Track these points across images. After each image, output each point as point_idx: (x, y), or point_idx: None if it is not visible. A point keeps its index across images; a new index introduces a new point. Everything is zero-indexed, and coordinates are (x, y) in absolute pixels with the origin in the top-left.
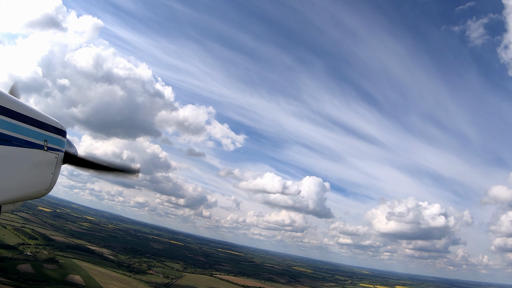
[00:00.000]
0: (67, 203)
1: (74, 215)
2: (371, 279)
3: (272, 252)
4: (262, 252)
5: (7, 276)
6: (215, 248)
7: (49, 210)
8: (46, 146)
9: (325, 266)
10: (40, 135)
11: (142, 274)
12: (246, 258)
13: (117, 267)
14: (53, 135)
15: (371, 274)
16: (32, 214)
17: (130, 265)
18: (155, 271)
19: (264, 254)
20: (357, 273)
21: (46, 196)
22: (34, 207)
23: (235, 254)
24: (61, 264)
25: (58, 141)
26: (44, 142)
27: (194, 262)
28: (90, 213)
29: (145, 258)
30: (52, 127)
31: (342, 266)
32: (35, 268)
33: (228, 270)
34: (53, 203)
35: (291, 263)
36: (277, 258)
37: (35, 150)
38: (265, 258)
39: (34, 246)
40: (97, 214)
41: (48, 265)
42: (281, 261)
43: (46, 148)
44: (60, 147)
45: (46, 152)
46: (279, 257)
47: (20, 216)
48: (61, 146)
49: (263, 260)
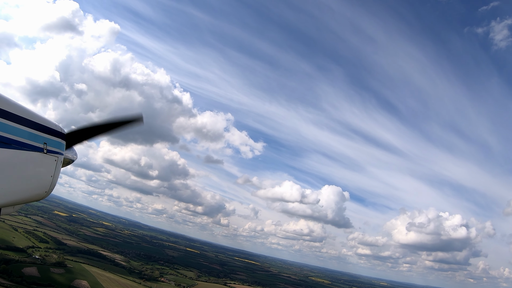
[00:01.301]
0: (85, 208)
1: (90, 220)
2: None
3: (290, 261)
4: (279, 261)
5: (10, 279)
6: (232, 256)
7: (64, 215)
8: (45, 149)
9: (343, 277)
10: (39, 138)
11: (153, 282)
12: (262, 267)
13: (127, 273)
14: (53, 138)
15: (389, 286)
16: (47, 218)
17: (141, 271)
18: (167, 279)
19: (281, 264)
20: (376, 284)
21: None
22: (50, 211)
23: (251, 263)
24: (69, 268)
25: (57, 144)
26: (43, 145)
27: (209, 270)
28: (107, 219)
29: (158, 265)
30: (51, 130)
31: (360, 277)
32: (41, 272)
33: (243, 280)
34: (70, 208)
35: (309, 273)
36: (294, 268)
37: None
38: (282, 267)
39: (44, 249)
40: (114, 220)
41: (56, 269)
42: (299, 271)
43: (46, 151)
44: (59, 150)
45: (45, 155)
46: (296, 267)
47: (34, 220)
48: (60, 149)
49: (280, 270)
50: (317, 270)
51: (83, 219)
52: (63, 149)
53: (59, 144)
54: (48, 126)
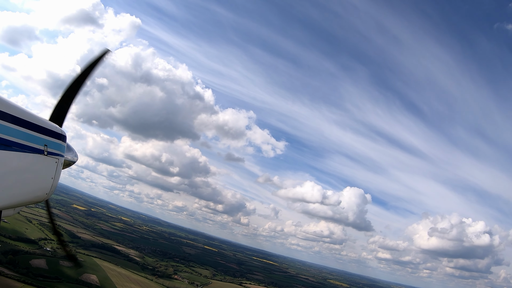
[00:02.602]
0: (105, 203)
1: (108, 215)
2: None
3: (309, 263)
4: (298, 262)
5: (15, 270)
6: (250, 256)
7: (83, 208)
8: (46, 151)
9: (362, 281)
10: (40, 140)
11: (166, 279)
12: (280, 268)
13: (140, 269)
14: (53, 139)
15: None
16: (64, 211)
17: (155, 268)
18: (181, 276)
19: (300, 265)
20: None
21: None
22: (69, 205)
23: (270, 263)
24: (79, 262)
25: (58, 146)
26: (44, 147)
27: (225, 269)
28: (127, 214)
29: (174, 262)
30: (52, 132)
31: (380, 282)
32: (50, 264)
33: (259, 280)
34: (90, 203)
35: (327, 276)
36: (313, 270)
37: (35, 154)
38: (300, 269)
39: (57, 242)
40: (134, 216)
41: (65, 262)
42: (317, 273)
43: (46, 152)
44: (60, 152)
45: (46, 156)
46: (315, 269)
47: None
48: (61, 151)
49: (298, 271)
50: (336, 273)
51: (102, 214)
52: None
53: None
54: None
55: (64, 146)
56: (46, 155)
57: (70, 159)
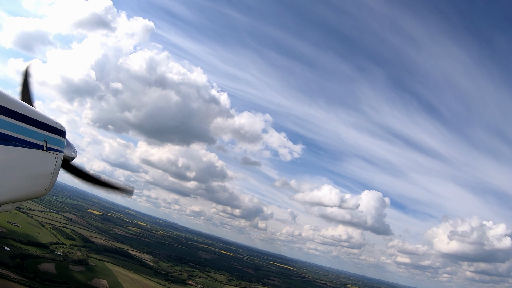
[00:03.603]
0: (122, 208)
1: (124, 220)
2: None
3: (327, 268)
4: (316, 267)
5: (22, 274)
6: (267, 260)
7: (99, 213)
8: (45, 147)
9: (381, 285)
10: (40, 135)
11: (179, 284)
12: (298, 273)
13: (153, 274)
14: (53, 135)
15: None
16: (79, 216)
17: (168, 273)
18: (195, 282)
19: (318, 270)
20: None
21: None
22: (84, 209)
23: (287, 268)
24: (90, 267)
25: (58, 142)
26: (44, 142)
27: (241, 274)
28: (143, 219)
29: (188, 267)
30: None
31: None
32: (59, 269)
33: (276, 285)
34: (107, 207)
35: (346, 280)
36: (331, 275)
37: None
38: (318, 274)
39: (69, 246)
40: (151, 221)
41: (75, 266)
42: (335, 278)
43: (46, 148)
44: (60, 148)
45: (45, 152)
46: (333, 274)
47: (65, 217)
48: (60, 147)
49: (316, 276)
50: (354, 278)
51: (118, 218)
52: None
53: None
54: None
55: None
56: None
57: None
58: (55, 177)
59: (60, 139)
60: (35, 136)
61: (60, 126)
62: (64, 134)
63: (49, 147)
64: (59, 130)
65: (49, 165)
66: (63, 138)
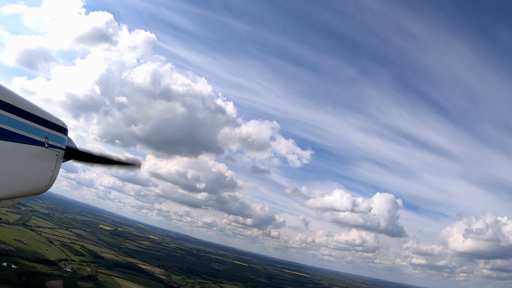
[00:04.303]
0: (133, 223)
1: (135, 234)
2: None
3: (342, 273)
4: (331, 273)
5: None
6: (281, 269)
7: (109, 228)
8: (47, 143)
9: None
10: (41, 132)
11: None
12: (313, 280)
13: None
14: (55, 132)
15: None
16: (89, 232)
17: (180, 286)
18: None
19: (333, 276)
20: None
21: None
22: (95, 225)
23: (301, 275)
24: (99, 282)
25: (59, 139)
26: (45, 139)
27: (255, 284)
28: (155, 233)
29: (201, 279)
30: (53, 125)
31: None
32: (67, 286)
33: None
34: (118, 222)
35: (361, 285)
36: (346, 280)
37: (36, 146)
38: (333, 280)
39: (78, 262)
40: (162, 234)
41: (84, 282)
42: (351, 284)
43: (47, 145)
44: (61, 145)
45: (47, 149)
46: (349, 279)
47: (74, 233)
48: (62, 144)
49: (331, 283)
50: (370, 282)
51: (128, 233)
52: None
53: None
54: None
55: (65, 139)
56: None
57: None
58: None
59: (62, 136)
60: (37, 132)
61: (61, 123)
62: (65, 131)
63: (51, 144)
64: (60, 127)
65: (50, 162)
66: (65, 136)
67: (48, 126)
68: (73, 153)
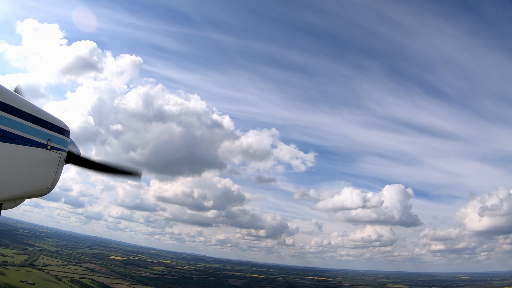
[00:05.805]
0: (146, 250)
1: (149, 261)
2: (473, 284)
3: (363, 271)
4: (352, 273)
5: None
6: (301, 276)
7: (121, 258)
8: (49, 145)
9: (421, 278)
10: (43, 134)
11: None
12: (334, 282)
13: None
14: (57, 134)
15: (471, 278)
16: (100, 264)
17: None
18: None
19: (354, 275)
20: (456, 280)
21: (123, 245)
22: (106, 257)
23: (322, 279)
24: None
25: (61, 141)
26: (47, 141)
27: None
28: (169, 257)
29: None
30: (56, 127)
31: (439, 275)
32: None
33: None
34: (130, 251)
35: (384, 280)
36: (368, 277)
37: (38, 149)
38: (355, 279)
39: None
40: (177, 257)
41: None
42: (373, 280)
43: (49, 147)
44: (63, 147)
45: (49, 151)
46: (370, 276)
47: (84, 267)
48: (64, 146)
49: (354, 282)
50: (392, 276)
51: (141, 260)
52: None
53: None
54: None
55: (67, 141)
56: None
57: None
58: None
59: (64, 139)
60: (39, 134)
61: (64, 125)
62: (68, 133)
63: (53, 146)
64: (63, 130)
65: (52, 164)
66: (67, 138)
67: (50, 128)
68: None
